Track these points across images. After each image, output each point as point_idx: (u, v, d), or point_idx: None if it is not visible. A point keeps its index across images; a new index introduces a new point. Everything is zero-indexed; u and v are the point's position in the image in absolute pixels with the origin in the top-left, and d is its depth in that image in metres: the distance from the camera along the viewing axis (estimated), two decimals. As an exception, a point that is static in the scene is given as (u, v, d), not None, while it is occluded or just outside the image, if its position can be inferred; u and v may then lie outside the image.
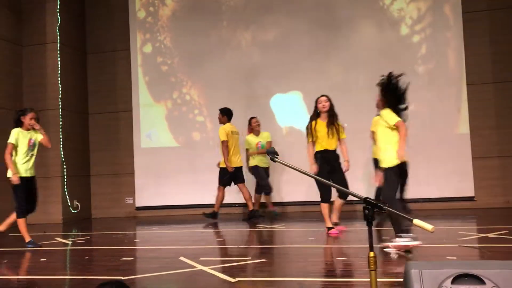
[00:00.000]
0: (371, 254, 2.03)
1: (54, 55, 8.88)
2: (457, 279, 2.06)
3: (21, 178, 5.47)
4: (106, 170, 9.59)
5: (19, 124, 5.62)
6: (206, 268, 3.94)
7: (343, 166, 5.82)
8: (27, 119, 5.63)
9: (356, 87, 8.50)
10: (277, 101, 8.90)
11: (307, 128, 5.92)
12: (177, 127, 9.29)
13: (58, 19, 8.92)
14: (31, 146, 5.65)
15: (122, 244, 5.73)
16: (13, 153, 5.51)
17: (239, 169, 7.63)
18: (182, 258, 4.51)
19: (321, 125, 5.83)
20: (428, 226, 1.86)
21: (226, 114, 7.70)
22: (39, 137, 5.72)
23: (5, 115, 8.40)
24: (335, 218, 5.90)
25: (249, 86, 8.91)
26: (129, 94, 9.45)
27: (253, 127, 7.94)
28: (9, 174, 5.46)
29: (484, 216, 7.04)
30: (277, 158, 2.56)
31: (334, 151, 5.81)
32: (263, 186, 7.78)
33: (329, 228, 5.65)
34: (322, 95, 6.03)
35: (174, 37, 9.38)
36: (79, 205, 8.12)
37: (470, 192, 8.05)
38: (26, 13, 8.99)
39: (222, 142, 7.45)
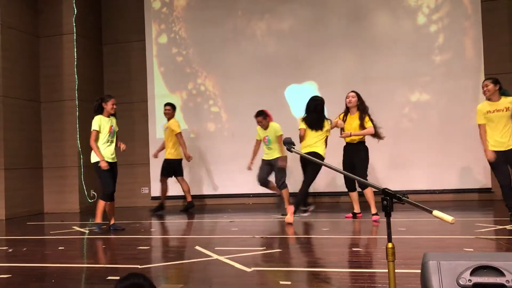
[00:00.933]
0: (389, 245, 2.03)
1: (71, 46, 8.95)
2: (475, 271, 2.05)
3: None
4: (122, 160, 9.61)
5: (99, 111, 5.94)
6: (221, 258, 3.96)
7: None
8: (109, 106, 5.97)
9: (372, 77, 8.42)
10: (292, 91, 8.86)
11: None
12: (192, 117, 9.32)
13: (74, 10, 8.98)
14: (111, 133, 6.03)
15: (138, 234, 5.79)
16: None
17: (179, 162, 7.90)
18: (197, 248, 4.54)
19: (351, 118, 6.34)
20: (448, 217, 1.84)
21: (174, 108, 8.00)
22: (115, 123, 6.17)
23: (23, 106, 8.51)
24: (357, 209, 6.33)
25: (264, 76, 8.88)
26: (145, 85, 9.50)
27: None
28: (94, 159, 5.82)
29: (502, 208, 6.94)
30: (293, 148, 2.56)
31: (357, 144, 6.28)
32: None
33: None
34: (352, 91, 6.50)
35: (189, 27, 9.37)
36: (96, 195, 8.20)
37: (488, 184, 7.96)
38: (42, 4, 9.06)
39: (179, 133, 7.74)
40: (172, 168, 7.87)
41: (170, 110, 7.93)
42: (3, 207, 7.90)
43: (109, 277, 3.47)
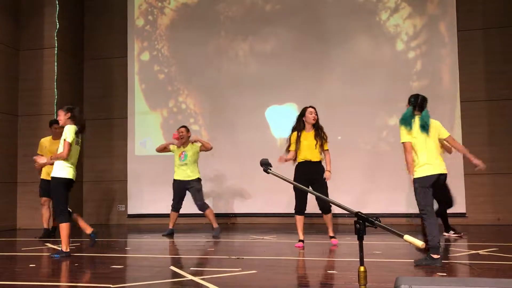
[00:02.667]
0: (361, 268, 2.04)
1: (51, 60, 8.89)
2: (446, 295, 2.07)
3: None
4: (99, 177, 9.56)
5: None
6: (196, 278, 3.92)
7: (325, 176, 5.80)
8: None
9: (352, 100, 8.55)
10: (273, 112, 8.93)
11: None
12: (172, 135, 9.28)
13: (57, 24, 8.95)
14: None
15: (112, 252, 5.69)
16: None
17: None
18: (172, 268, 4.49)
19: (307, 136, 5.86)
20: (418, 242, 1.87)
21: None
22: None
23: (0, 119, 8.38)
24: (330, 232, 5.96)
25: (245, 96, 8.95)
26: (125, 101, 9.47)
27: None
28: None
29: (475, 233, 7.06)
30: (270, 169, 2.58)
31: (318, 162, 5.83)
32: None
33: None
34: (311, 106, 6.05)
35: (172, 46, 9.42)
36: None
37: (462, 209, 8.08)
38: (24, 17, 9.01)
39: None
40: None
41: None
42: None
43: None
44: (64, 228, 5.18)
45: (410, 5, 8.61)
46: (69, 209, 5.41)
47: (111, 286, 3.70)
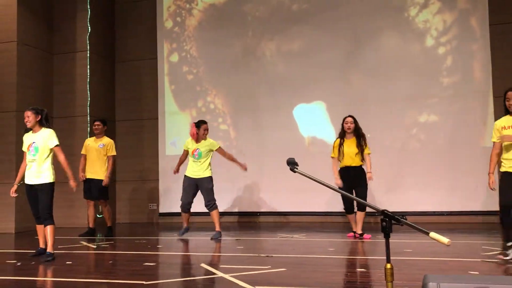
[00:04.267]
0: (388, 265, 2.06)
1: (84, 63, 9.14)
2: (474, 293, 2.07)
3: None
4: (131, 176, 9.78)
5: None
6: (226, 276, 3.99)
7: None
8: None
9: (381, 98, 8.49)
10: (300, 111, 8.94)
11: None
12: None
13: (89, 28, 9.19)
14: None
15: (145, 250, 5.83)
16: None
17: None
18: (203, 265, 4.58)
19: (347, 143, 6.36)
20: (444, 239, 1.88)
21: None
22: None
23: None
24: (358, 229, 6.32)
25: (272, 96, 8.99)
26: (155, 102, 9.65)
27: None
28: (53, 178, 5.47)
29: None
30: (297, 169, 2.61)
31: (359, 167, 6.32)
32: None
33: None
34: (349, 116, 6.48)
35: (200, 46, 9.54)
36: (111, 210, 8.24)
37: (496, 206, 7.90)
38: (57, 22, 9.29)
39: (114, 156, 7.33)
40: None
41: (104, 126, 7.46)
42: (12, 221, 8.01)
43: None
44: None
45: (440, 0, 8.48)
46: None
47: (144, 282, 3.81)
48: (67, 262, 4.95)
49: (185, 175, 6.83)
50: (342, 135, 6.41)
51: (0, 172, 7.97)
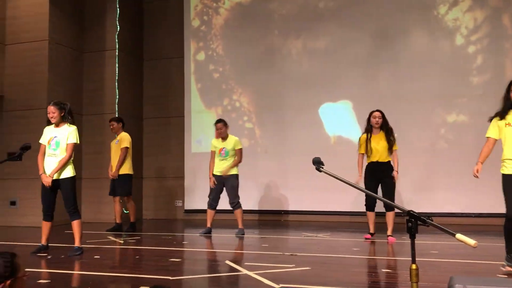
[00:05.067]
0: (413, 266, 2.05)
1: (113, 61, 9.30)
2: (501, 296, 2.04)
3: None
4: (158, 173, 9.92)
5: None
6: (251, 273, 4.03)
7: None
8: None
9: (408, 96, 8.38)
10: (326, 110, 8.90)
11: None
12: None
13: (117, 27, 9.35)
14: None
15: (170, 246, 5.92)
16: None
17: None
18: (227, 262, 4.62)
19: (375, 138, 6.23)
20: (471, 241, 1.86)
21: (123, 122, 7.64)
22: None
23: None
24: (388, 231, 6.18)
25: (298, 94, 8.97)
26: (182, 100, 9.75)
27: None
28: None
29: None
30: (322, 168, 2.62)
31: (387, 163, 6.19)
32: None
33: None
34: (377, 110, 6.36)
35: (226, 45, 9.59)
36: (135, 206, 8.40)
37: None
38: (88, 21, 9.48)
39: (126, 148, 7.36)
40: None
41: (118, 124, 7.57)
42: (41, 216, 8.20)
43: (141, 287, 3.59)
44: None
45: (470, -3, 8.31)
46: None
47: (170, 278, 3.87)
48: (95, 256, 5.07)
49: (212, 174, 6.92)
50: (369, 130, 6.28)
51: (30, 168, 8.17)
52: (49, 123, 5.40)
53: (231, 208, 6.90)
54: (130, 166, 7.45)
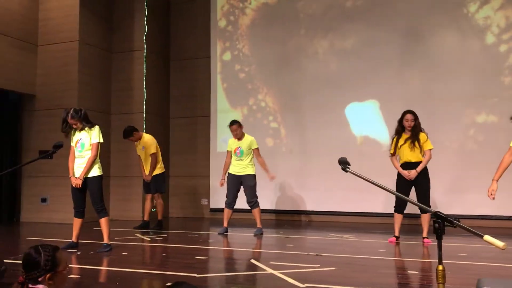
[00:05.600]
0: (440, 267, 2.04)
1: (141, 62, 9.45)
2: (531, 300, 2.00)
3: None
4: (184, 172, 10.03)
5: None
6: (276, 272, 4.04)
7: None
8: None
9: (436, 96, 8.25)
10: (353, 109, 8.84)
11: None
12: (251, 132, 9.44)
13: (145, 28, 9.49)
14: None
15: (196, 244, 5.98)
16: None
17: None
18: (253, 261, 4.65)
19: (406, 138, 6.14)
20: (499, 243, 1.83)
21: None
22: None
23: (94, 117, 9.05)
24: (424, 233, 6.06)
25: (324, 94, 8.93)
26: (208, 100, 9.83)
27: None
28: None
29: None
30: (349, 168, 2.62)
31: (419, 163, 6.06)
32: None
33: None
34: (409, 112, 6.23)
35: (252, 45, 9.62)
36: (163, 204, 8.53)
37: (559, 212, 7.51)
38: (116, 22, 9.65)
39: (155, 153, 7.47)
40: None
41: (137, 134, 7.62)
42: (72, 212, 8.39)
43: (168, 284, 3.65)
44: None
45: (502, -5, 8.13)
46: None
47: (196, 275, 3.92)
48: (123, 253, 5.17)
49: (229, 173, 7.02)
50: (399, 131, 6.19)
51: (60, 166, 8.37)
52: (71, 128, 5.58)
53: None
54: (161, 165, 7.63)
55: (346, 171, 2.58)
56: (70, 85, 8.67)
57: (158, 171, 7.56)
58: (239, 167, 6.92)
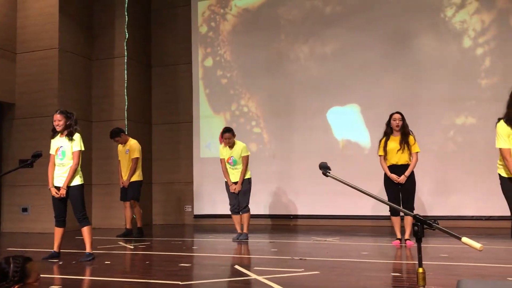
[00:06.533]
0: (420, 270, 2.07)
1: (121, 68, 9.40)
2: (509, 299, 2.04)
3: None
4: (167, 179, 9.98)
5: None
6: (260, 278, 4.04)
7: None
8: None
9: (416, 100, 8.36)
10: (334, 114, 8.91)
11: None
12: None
13: (126, 34, 9.45)
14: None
15: (180, 251, 5.95)
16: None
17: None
18: (237, 267, 4.64)
19: (393, 140, 6.16)
20: (476, 244, 1.87)
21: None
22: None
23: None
24: (406, 235, 6.08)
25: (306, 99, 8.99)
26: (190, 105, 9.82)
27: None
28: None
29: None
30: (329, 173, 2.64)
31: (406, 166, 6.09)
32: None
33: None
34: (397, 112, 6.30)
35: (233, 51, 9.65)
36: (141, 211, 8.49)
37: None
38: (96, 29, 9.59)
39: (137, 158, 7.45)
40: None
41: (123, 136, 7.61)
42: (53, 221, 8.28)
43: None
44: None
45: (478, 0, 8.30)
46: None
47: (180, 283, 3.90)
48: (106, 262, 5.12)
49: (226, 181, 7.01)
50: (388, 132, 6.21)
51: (41, 175, 8.25)
52: (54, 132, 5.48)
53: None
54: (139, 173, 7.54)
55: (327, 176, 2.60)
56: (50, 93, 8.58)
57: (136, 178, 7.49)
58: (234, 176, 6.90)
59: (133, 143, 7.56)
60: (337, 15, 9.03)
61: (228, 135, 6.84)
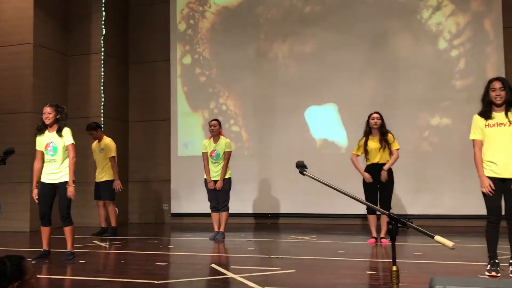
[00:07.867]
0: (394, 268, 2.09)
1: (98, 65, 9.26)
2: (480, 297, 2.08)
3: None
4: (144, 177, 9.88)
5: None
6: (236, 276, 4.04)
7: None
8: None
9: (393, 100, 8.47)
10: (312, 113, 8.95)
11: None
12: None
13: (103, 30, 9.31)
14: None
15: (156, 249, 5.90)
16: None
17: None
18: (213, 266, 4.63)
19: (373, 140, 6.21)
20: (449, 243, 1.90)
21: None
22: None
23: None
24: (382, 233, 6.10)
25: (284, 98, 9.01)
26: (168, 103, 9.74)
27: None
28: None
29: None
30: (306, 171, 2.65)
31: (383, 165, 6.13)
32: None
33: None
34: (376, 112, 6.35)
35: (212, 49, 9.61)
36: (117, 210, 8.39)
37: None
38: (72, 24, 9.43)
39: (114, 157, 7.40)
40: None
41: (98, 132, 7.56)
42: (27, 220, 8.14)
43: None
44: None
45: (453, 2, 8.44)
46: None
47: (155, 282, 3.87)
48: (81, 261, 5.04)
49: (205, 178, 6.91)
50: (368, 132, 6.26)
51: (15, 172, 8.11)
52: (39, 130, 5.30)
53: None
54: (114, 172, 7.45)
55: (304, 175, 2.61)
56: (25, 89, 8.41)
57: (110, 177, 7.40)
58: (214, 172, 6.82)
59: (108, 141, 7.47)
60: (316, 14, 9.08)
61: (214, 123, 6.82)
